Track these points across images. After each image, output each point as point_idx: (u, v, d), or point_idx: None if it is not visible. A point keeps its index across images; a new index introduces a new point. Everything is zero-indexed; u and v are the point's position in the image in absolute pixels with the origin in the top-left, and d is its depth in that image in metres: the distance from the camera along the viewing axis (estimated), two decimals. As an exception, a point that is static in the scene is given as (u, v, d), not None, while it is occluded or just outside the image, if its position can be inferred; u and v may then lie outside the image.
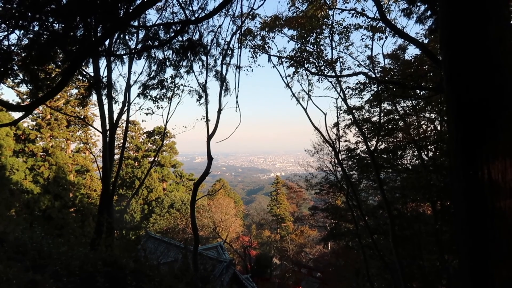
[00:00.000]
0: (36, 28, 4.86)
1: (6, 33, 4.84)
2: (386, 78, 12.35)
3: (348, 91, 14.31)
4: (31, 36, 4.91)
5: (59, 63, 5.85)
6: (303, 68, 14.47)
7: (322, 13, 12.13)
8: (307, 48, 13.88)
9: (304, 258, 36.33)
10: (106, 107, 11.56)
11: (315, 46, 13.73)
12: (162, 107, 14.12)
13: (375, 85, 12.75)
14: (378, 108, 14.49)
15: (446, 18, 2.85)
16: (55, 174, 27.18)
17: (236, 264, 30.16)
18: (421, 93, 12.93)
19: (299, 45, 13.89)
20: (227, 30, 14.04)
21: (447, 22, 2.84)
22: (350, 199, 17.19)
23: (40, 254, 5.73)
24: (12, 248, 5.78)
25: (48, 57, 4.95)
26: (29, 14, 4.67)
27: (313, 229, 38.26)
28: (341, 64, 14.15)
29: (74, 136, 31.68)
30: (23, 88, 17.06)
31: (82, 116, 29.74)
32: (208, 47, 10.96)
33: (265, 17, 13.31)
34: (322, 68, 14.38)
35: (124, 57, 10.38)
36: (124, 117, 12.96)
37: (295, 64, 14.43)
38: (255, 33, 13.69)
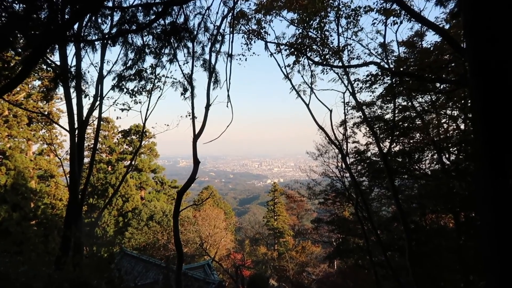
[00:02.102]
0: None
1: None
2: (401, 69, 12.42)
3: (357, 84, 14.35)
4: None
5: (20, 50, 5.81)
6: (305, 56, 14.53)
7: (328, -7, 12.21)
8: (310, 34, 13.95)
9: (306, 279, 36.31)
10: (74, 101, 11.45)
11: (319, 32, 13.79)
12: (140, 102, 14.06)
13: (389, 77, 12.79)
14: (391, 104, 14.57)
15: (471, -1, 2.85)
16: (14, 181, 26.92)
17: (226, 286, 30.08)
18: (442, 87, 13.01)
19: (300, 31, 13.96)
20: (217, 13, 14.13)
21: (471, 4, 2.84)
22: (360, 210, 17.17)
23: (-4, 275, 5.66)
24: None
25: (6, 43, 4.91)
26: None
27: (316, 245, 38.32)
28: (349, 52, 14.32)
29: (37, 136, 31.43)
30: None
31: (46, 112, 29.53)
32: (195, 32, 10.96)
33: (261, -3, 13.35)
34: (327, 57, 14.46)
35: (96, 43, 10.31)
36: (95, 113, 12.82)
37: (295, 53, 14.49)
38: (249, 16, 13.73)
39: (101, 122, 14.83)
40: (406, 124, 15.28)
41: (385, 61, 13.43)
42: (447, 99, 13.63)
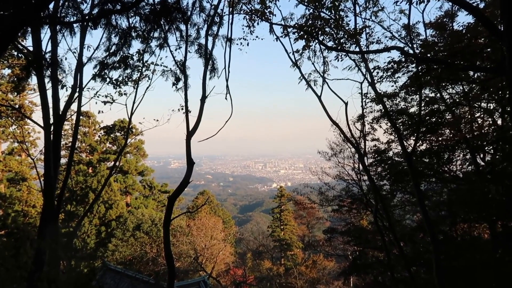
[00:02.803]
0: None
1: None
2: (428, 55, 12.35)
3: (377, 73, 14.35)
4: None
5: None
6: (317, 41, 14.46)
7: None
8: (322, 14, 13.87)
9: (318, 298, 36.42)
10: (50, 93, 11.39)
11: (333, 12, 13.74)
12: (125, 94, 14.05)
13: (414, 65, 12.72)
14: (417, 96, 14.49)
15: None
16: (-20, 185, 27.10)
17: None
18: (476, 76, 12.98)
19: (311, 11, 13.88)
20: (214, -10, 14.02)
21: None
22: (380, 218, 17.14)
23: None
24: None
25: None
26: None
27: (329, 259, 38.37)
28: (368, 36, 14.26)
29: (6, 133, 31.61)
30: None
31: (17, 106, 29.66)
32: (189, 13, 10.82)
33: (266, -28, 13.34)
34: (342, 41, 14.38)
35: (75, 25, 10.30)
36: (74, 106, 12.74)
37: (305, 36, 14.43)
38: (252, -7, 13.70)
39: (81, 117, 14.90)
40: (434, 119, 15.26)
41: (410, 45, 13.35)
42: (482, 90, 13.54)
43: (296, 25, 14.28)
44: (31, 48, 10.96)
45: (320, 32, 14.26)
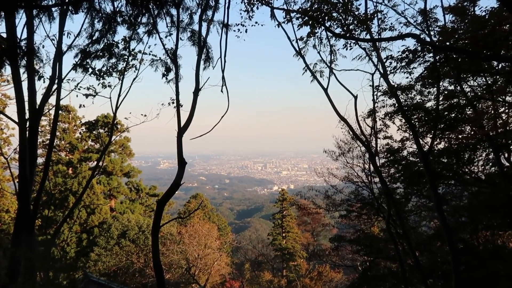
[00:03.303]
0: None
1: None
2: (447, 43, 12.26)
3: (390, 63, 14.15)
4: None
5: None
6: (323, 27, 14.40)
7: None
8: (329, -3, 13.81)
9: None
10: (25, 85, 11.28)
11: (341, -6, 13.70)
12: (110, 86, 13.95)
13: (431, 54, 12.69)
14: (434, 89, 14.50)
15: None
16: None
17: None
18: (500, 66, 12.93)
19: (317, -7, 13.82)
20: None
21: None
22: (393, 225, 17.02)
23: None
24: None
25: None
26: None
27: (336, 270, 38.34)
28: (380, 22, 14.30)
29: (-24, 129, 31.57)
30: None
31: (-12, 99, 29.58)
32: (181, -4, 10.87)
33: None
34: (351, 27, 14.28)
35: (54, 9, 10.29)
36: (52, 100, 12.76)
37: (310, 22, 14.34)
38: (251, -26, 13.63)
39: (60, 111, 14.85)
40: (453, 115, 15.31)
41: (427, 33, 13.42)
42: (507, 82, 13.47)
43: (300, 9, 14.17)
44: (4, 35, 10.78)
45: (326, 18, 14.14)
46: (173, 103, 12.36)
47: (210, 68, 12.09)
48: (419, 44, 12.28)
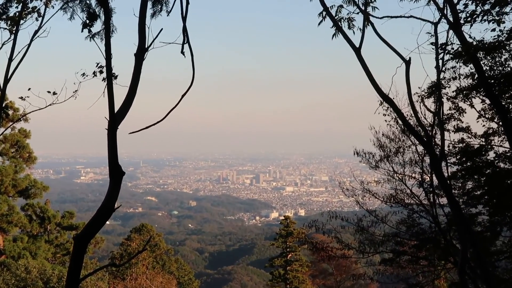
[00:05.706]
0: None
1: None
2: None
3: (465, 6, 11.55)
4: None
5: None
6: None
7: None
8: None
9: None
10: None
11: None
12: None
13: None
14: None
15: None
16: None
17: None
18: None
19: None
20: None
21: None
22: (471, 275, 13.46)
23: None
24: None
25: None
26: None
27: None
28: None
29: None
30: None
31: None
32: None
33: None
34: None
35: None
36: None
37: None
38: None
39: None
40: None
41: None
42: None
43: None
44: None
45: None
46: (101, 72, 9.08)
47: (164, 15, 8.66)
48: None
